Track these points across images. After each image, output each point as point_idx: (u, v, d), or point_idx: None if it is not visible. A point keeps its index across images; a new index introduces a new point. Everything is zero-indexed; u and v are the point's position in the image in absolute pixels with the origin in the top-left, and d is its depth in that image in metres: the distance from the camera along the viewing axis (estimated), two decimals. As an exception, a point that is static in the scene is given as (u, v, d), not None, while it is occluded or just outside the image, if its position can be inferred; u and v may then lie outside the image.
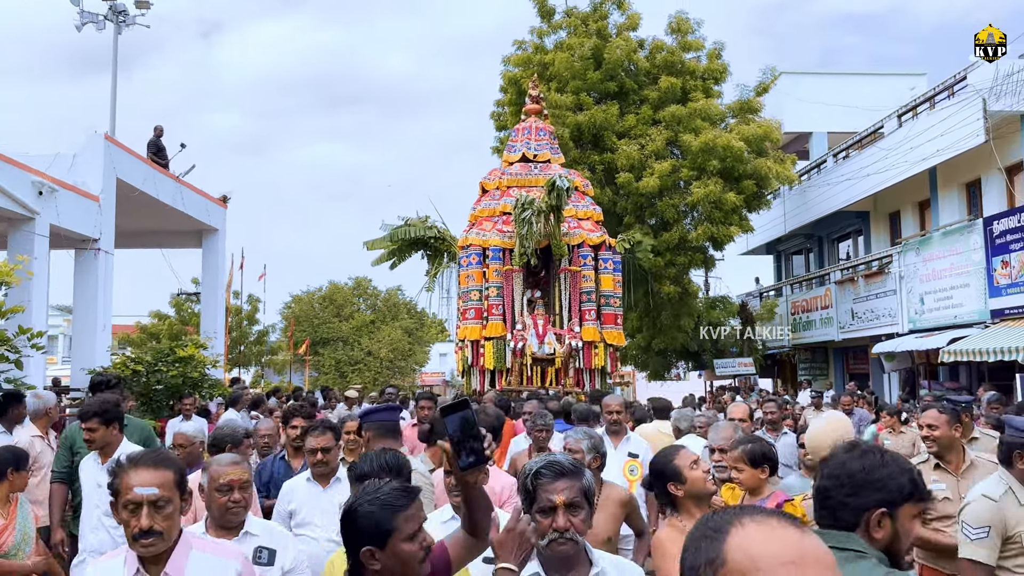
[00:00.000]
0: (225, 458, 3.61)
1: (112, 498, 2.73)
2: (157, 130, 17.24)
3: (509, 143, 17.83)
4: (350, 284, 51.29)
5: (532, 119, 17.62)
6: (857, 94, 25.84)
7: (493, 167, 18.54)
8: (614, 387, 23.00)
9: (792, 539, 1.19)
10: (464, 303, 16.43)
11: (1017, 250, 16.01)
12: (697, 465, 3.44)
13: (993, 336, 15.91)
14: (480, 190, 17.40)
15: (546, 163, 17.01)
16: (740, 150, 20.09)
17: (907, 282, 19.80)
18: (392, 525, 2.29)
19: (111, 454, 4.87)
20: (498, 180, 17.05)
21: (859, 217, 24.84)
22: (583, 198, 17.09)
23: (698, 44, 23.22)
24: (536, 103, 17.94)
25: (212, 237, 18.30)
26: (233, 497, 3.39)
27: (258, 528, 3.50)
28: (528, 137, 17.31)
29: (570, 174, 16.73)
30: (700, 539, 1.27)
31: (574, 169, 18.74)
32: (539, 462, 2.63)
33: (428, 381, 51.16)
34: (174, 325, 33.49)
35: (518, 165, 17.04)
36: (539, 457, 2.73)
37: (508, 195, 16.51)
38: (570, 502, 2.52)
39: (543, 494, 2.54)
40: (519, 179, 16.78)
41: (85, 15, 23.51)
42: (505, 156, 17.74)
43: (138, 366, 12.20)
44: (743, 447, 3.94)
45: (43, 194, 11.70)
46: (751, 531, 1.21)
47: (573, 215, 16.45)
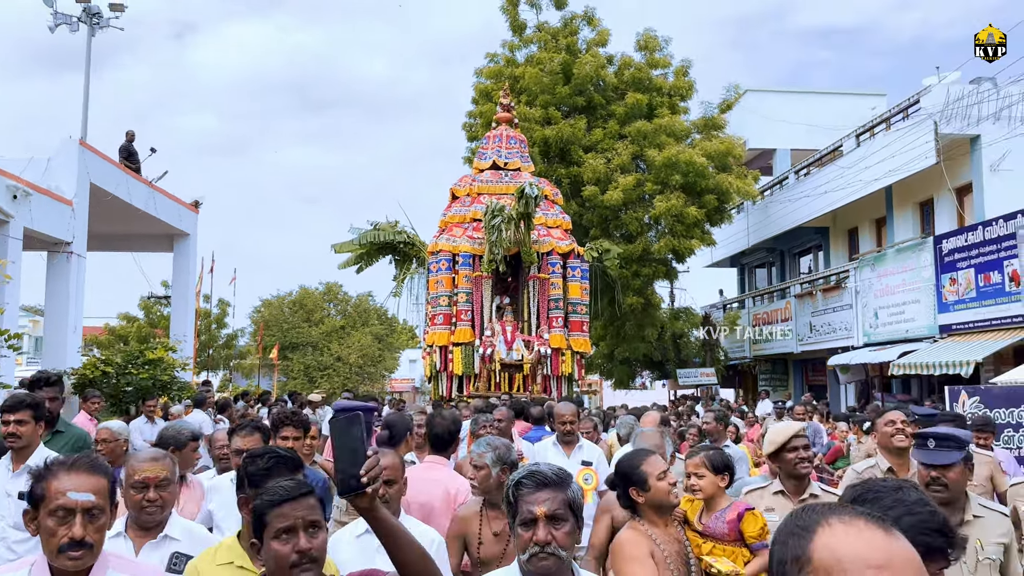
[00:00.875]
0: (145, 454, 3.42)
1: (29, 506, 2.46)
2: (129, 135, 17.46)
3: (480, 150, 18.12)
4: (321, 289, 51.40)
5: (503, 127, 17.92)
6: (820, 112, 26.53)
7: (464, 174, 18.82)
8: (581, 394, 23.45)
9: (880, 542, 1.19)
10: (433, 308, 16.64)
11: (964, 268, 16.65)
12: (665, 476, 3.40)
13: (940, 350, 16.54)
14: (451, 196, 17.64)
15: (516, 171, 17.31)
16: (702, 166, 20.65)
17: (862, 297, 20.42)
18: (265, 519, 2.25)
19: (26, 459, 4.40)
20: (469, 187, 17.29)
21: (819, 233, 25.51)
22: (552, 206, 17.37)
23: (665, 61, 23.79)
24: (507, 111, 18.22)
25: (183, 241, 18.52)
26: (148, 495, 3.22)
27: (179, 531, 3.31)
28: (499, 145, 17.60)
29: (540, 182, 17.06)
30: (788, 535, 1.27)
31: (544, 178, 19.10)
32: (521, 472, 2.50)
33: (397, 387, 51.38)
34: (143, 327, 33.48)
35: (489, 172, 17.31)
36: (524, 467, 2.59)
37: (479, 202, 16.75)
38: (552, 514, 2.35)
39: (524, 505, 2.39)
40: (489, 186, 17.03)
41: (59, 16, 23.56)
42: (476, 163, 18.02)
43: (108, 367, 12.50)
44: (704, 452, 3.83)
45: (17, 198, 11.93)
46: (838, 531, 1.21)
47: (543, 223, 16.73)
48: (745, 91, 27.80)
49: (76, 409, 12.80)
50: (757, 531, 3.58)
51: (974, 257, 16.34)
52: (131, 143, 17.29)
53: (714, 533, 3.63)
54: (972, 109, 17.64)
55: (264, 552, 2.26)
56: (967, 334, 16.51)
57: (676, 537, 3.47)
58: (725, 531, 3.61)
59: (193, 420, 11.02)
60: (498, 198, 16.39)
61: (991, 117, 17.59)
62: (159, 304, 32.73)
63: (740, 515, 3.62)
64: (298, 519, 2.25)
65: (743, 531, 3.58)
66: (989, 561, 3.43)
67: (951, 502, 3.45)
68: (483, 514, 3.99)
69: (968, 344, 16.00)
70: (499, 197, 16.49)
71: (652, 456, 3.50)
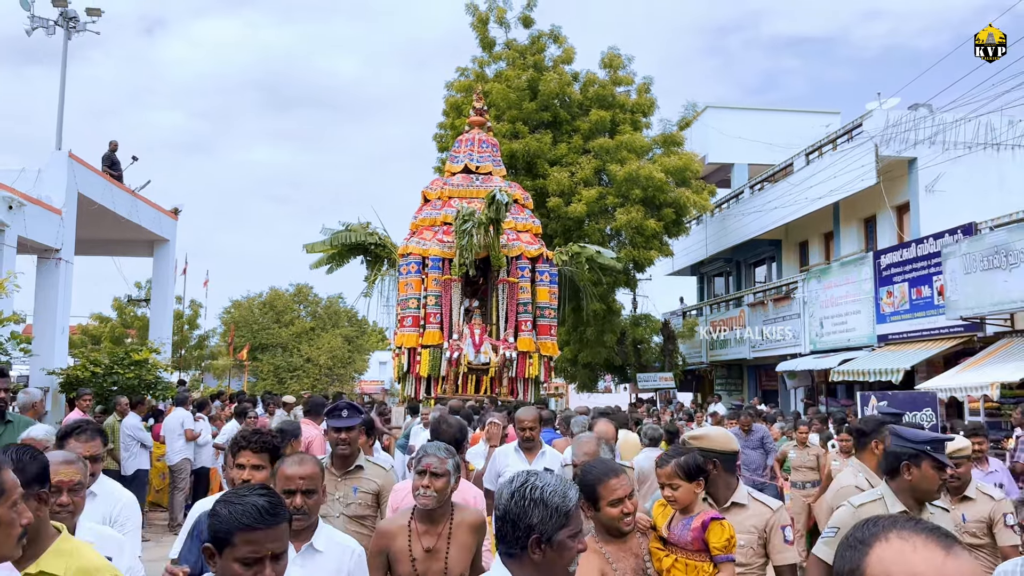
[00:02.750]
0: (57, 456, 3.19)
1: None
2: (112, 145, 18.20)
3: (452, 153, 18.38)
4: (291, 291, 51.93)
5: (476, 131, 18.08)
6: (777, 129, 27.82)
7: (435, 177, 19.02)
8: (548, 397, 24.40)
9: (936, 560, 1.17)
10: (402, 310, 16.81)
11: (899, 282, 17.89)
12: (620, 504, 3.17)
13: (876, 359, 17.75)
14: (422, 199, 17.81)
15: (488, 175, 17.51)
16: (661, 181, 21.77)
17: (809, 307, 21.65)
18: (231, 539, 2.15)
19: None
20: (440, 190, 17.44)
21: (772, 245, 26.77)
22: (523, 211, 17.65)
23: (628, 79, 24.92)
24: (480, 115, 18.48)
25: (163, 247, 19.28)
26: (60, 500, 3.03)
27: (92, 535, 3.16)
28: (471, 148, 17.77)
29: (510, 187, 17.43)
30: (846, 548, 1.27)
31: (514, 182, 19.44)
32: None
33: (367, 389, 52.01)
34: (116, 328, 34.05)
35: (460, 176, 17.49)
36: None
37: (449, 205, 16.91)
38: None
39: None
40: (460, 190, 17.20)
41: (36, 20, 24.24)
42: (448, 166, 18.26)
43: (96, 368, 13.29)
44: (675, 460, 3.53)
45: (12, 208, 12.72)
46: (895, 547, 1.20)
47: (512, 227, 16.95)
48: (706, 107, 29.10)
49: (62, 405, 13.63)
50: (723, 542, 3.35)
51: (908, 272, 17.60)
52: (114, 152, 18.04)
53: (678, 542, 3.41)
54: (909, 133, 18.92)
55: (218, 566, 2.16)
56: (901, 343, 17.74)
57: (635, 552, 3.29)
58: (688, 540, 3.38)
59: (175, 418, 11.89)
60: (469, 202, 16.54)
61: (927, 141, 18.88)
62: (133, 305, 33.31)
63: (705, 524, 3.38)
64: (268, 550, 2.15)
65: (708, 541, 3.35)
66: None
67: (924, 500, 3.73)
68: (412, 527, 3.62)
69: (902, 353, 17.22)
70: (470, 201, 16.63)
71: (614, 479, 3.21)
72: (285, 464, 3.21)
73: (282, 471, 3.17)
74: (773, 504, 3.75)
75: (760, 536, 3.64)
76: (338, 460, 4.71)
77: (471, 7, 24.68)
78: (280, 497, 2.32)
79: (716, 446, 3.80)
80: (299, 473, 3.14)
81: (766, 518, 3.66)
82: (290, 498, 3.05)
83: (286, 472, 3.16)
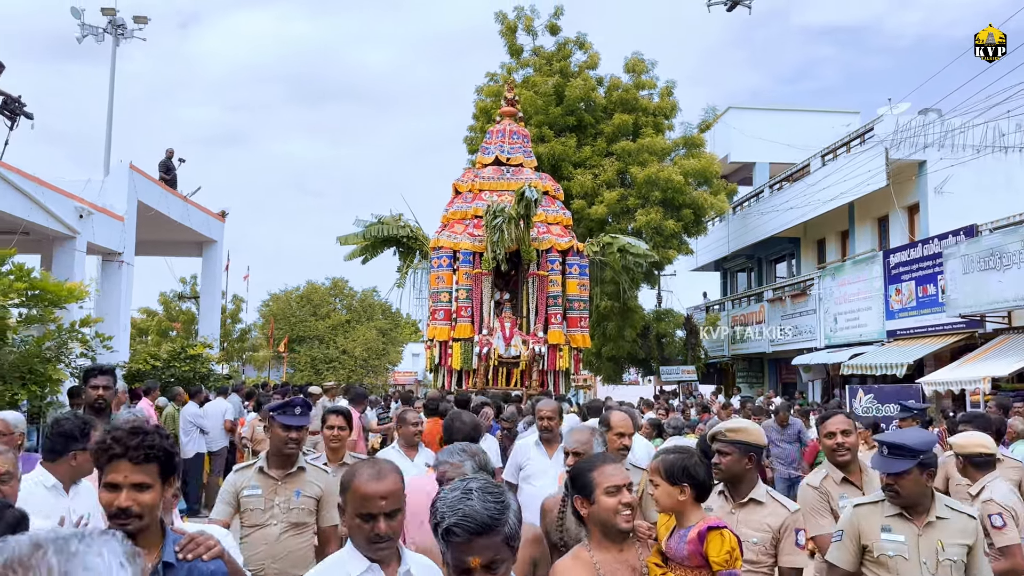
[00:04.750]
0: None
1: None
2: (168, 152, 19.60)
3: (483, 145, 18.53)
4: (327, 284, 53.30)
5: (507, 121, 18.16)
6: (797, 129, 28.63)
7: (467, 168, 19.15)
8: (577, 390, 25.44)
9: None
10: (434, 303, 17.03)
11: (907, 280, 18.74)
12: (618, 492, 2.86)
13: (884, 353, 18.63)
14: (453, 192, 17.92)
15: (519, 167, 17.61)
16: (679, 183, 22.74)
17: (824, 303, 22.52)
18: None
19: None
20: (471, 183, 17.57)
21: (791, 242, 27.63)
22: (553, 202, 17.72)
23: (651, 83, 25.89)
24: (512, 105, 18.57)
25: (211, 248, 20.64)
26: None
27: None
28: (502, 140, 17.85)
29: (540, 179, 17.67)
30: None
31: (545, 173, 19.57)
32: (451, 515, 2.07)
33: (401, 380, 53.35)
34: (162, 322, 35.68)
35: (491, 168, 17.57)
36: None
37: (480, 198, 17.01)
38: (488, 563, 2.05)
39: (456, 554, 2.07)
40: (491, 183, 17.29)
41: (86, 28, 25.77)
42: (479, 158, 18.37)
43: (156, 361, 14.65)
44: (663, 456, 3.27)
45: (83, 217, 14.07)
46: None
47: (543, 219, 17.04)
48: (728, 108, 30.00)
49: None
50: (723, 555, 3.00)
51: (915, 271, 18.45)
52: (170, 159, 19.44)
53: (675, 557, 3.05)
54: (919, 137, 19.71)
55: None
56: (908, 339, 18.61)
57: (631, 564, 2.94)
58: (685, 555, 3.04)
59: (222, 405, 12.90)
60: (499, 195, 16.61)
61: (936, 144, 19.67)
62: (181, 301, 34.94)
63: (702, 534, 3.03)
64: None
65: (707, 554, 3.01)
66: (950, 562, 3.41)
67: (912, 506, 3.48)
68: None
69: (908, 348, 18.09)
70: (500, 194, 16.70)
71: (609, 465, 2.94)
72: (360, 477, 2.50)
73: (358, 488, 2.47)
74: (791, 506, 3.75)
75: (774, 536, 3.64)
76: (280, 459, 4.35)
77: (500, 15, 25.77)
78: None
79: (752, 439, 3.81)
80: (381, 491, 2.46)
81: (782, 518, 3.66)
82: (370, 524, 2.43)
83: (365, 490, 2.46)
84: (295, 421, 4.30)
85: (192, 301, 32.59)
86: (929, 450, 3.46)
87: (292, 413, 4.33)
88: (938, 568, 3.39)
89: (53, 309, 9.76)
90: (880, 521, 3.52)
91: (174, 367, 14.69)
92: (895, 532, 3.47)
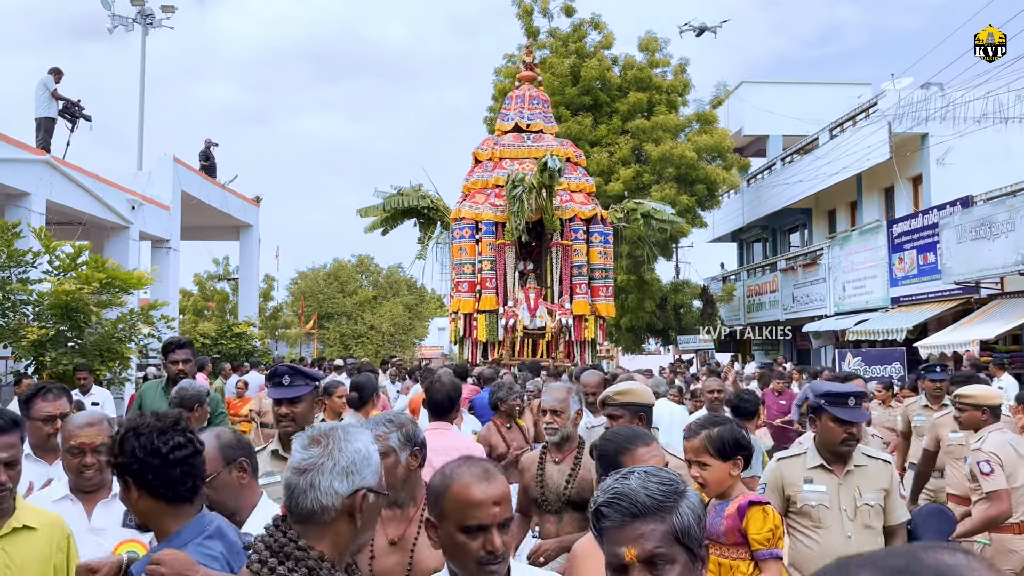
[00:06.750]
0: (80, 419, 3.06)
1: None
2: (207, 142, 20.83)
3: (502, 111, 18.25)
4: (353, 261, 54.49)
5: (526, 86, 17.78)
6: (809, 102, 29.32)
7: (486, 136, 18.96)
8: (601, 360, 26.45)
9: None
10: (457, 275, 16.82)
11: (909, 249, 19.61)
12: None
13: (887, 319, 19.55)
14: (473, 160, 17.64)
15: (539, 133, 17.21)
16: (692, 159, 23.64)
17: (833, 272, 23.41)
18: None
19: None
20: (491, 151, 17.23)
21: (803, 213, 28.46)
22: (575, 169, 17.36)
23: (664, 61, 26.71)
24: (531, 70, 18.29)
25: (248, 232, 21.89)
26: (86, 460, 2.95)
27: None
28: (522, 106, 17.51)
29: (562, 145, 17.34)
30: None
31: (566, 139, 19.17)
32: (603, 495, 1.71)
33: (427, 353, 54.53)
34: (197, 301, 37.17)
35: (511, 136, 17.22)
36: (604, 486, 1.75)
37: (500, 167, 16.64)
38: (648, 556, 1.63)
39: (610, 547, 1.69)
40: (511, 150, 16.94)
41: (116, 19, 26.90)
42: (498, 125, 18.09)
43: (205, 340, 15.93)
44: (707, 431, 3.00)
45: (135, 208, 15.30)
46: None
47: (566, 187, 16.63)
48: (741, 82, 30.77)
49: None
50: (765, 533, 2.82)
51: (916, 240, 19.31)
52: (209, 148, 20.67)
53: (710, 534, 2.84)
54: (921, 111, 20.48)
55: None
56: (911, 305, 19.51)
57: None
58: (722, 531, 2.88)
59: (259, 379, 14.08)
60: (520, 163, 16.36)
61: (938, 117, 20.43)
62: (215, 280, 36.41)
63: (742, 509, 2.86)
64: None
65: (746, 532, 2.84)
66: (868, 507, 3.55)
67: (836, 457, 3.63)
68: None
69: (910, 314, 18.99)
70: (520, 162, 16.41)
71: (642, 448, 2.69)
72: (461, 478, 2.08)
73: (460, 493, 2.05)
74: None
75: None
76: (286, 439, 3.69)
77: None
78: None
79: (640, 400, 3.86)
80: (494, 495, 2.05)
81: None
82: (482, 538, 2.01)
83: (472, 495, 2.03)
84: (282, 393, 3.75)
85: (226, 282, 34.01)
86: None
87: (280, 384, 3.78)
88: (856, 513, 3.54)
89: (121, 294, 10.98)
90: (803, 473, 3.64)
91: (221, 344, 15.97)
92: (816, 483, 3.61)
